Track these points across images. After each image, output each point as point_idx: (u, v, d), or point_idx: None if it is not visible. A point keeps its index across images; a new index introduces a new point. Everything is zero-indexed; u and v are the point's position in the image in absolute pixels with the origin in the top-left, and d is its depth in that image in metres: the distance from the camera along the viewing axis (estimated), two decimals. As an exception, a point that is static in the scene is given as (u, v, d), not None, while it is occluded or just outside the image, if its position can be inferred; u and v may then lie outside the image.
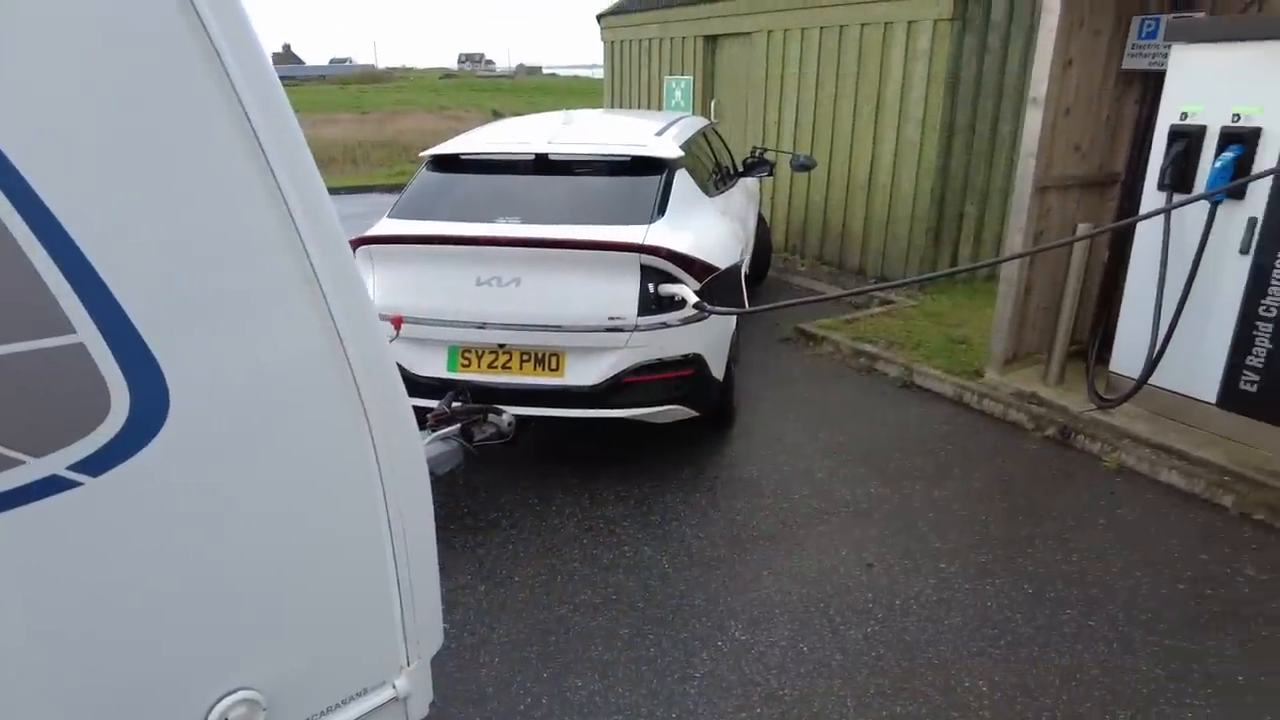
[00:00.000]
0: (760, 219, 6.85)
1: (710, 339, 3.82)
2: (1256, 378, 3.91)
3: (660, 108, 10.13)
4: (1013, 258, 4.68)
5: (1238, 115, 3.76)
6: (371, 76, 68.83)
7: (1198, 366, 4.10)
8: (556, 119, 5.09)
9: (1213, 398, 4.09)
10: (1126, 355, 4.40)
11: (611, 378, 3.60)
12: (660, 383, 3.70)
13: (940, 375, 5.02)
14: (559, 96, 41.28)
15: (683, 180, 4.10)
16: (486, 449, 2.48)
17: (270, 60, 1.03)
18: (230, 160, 1.00)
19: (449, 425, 2.41)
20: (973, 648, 2.84)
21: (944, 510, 3.70)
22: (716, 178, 5.19)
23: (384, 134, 20.16)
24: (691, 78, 9.47)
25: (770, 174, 6.29)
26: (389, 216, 3.94)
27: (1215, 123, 3.85)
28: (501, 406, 2.62)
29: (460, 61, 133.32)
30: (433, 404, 2.60)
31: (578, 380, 3.62)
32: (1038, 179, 4.51)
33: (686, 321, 3.61)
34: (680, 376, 3.72)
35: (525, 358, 3.65)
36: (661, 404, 3.71)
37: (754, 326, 6.08)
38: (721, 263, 3.86)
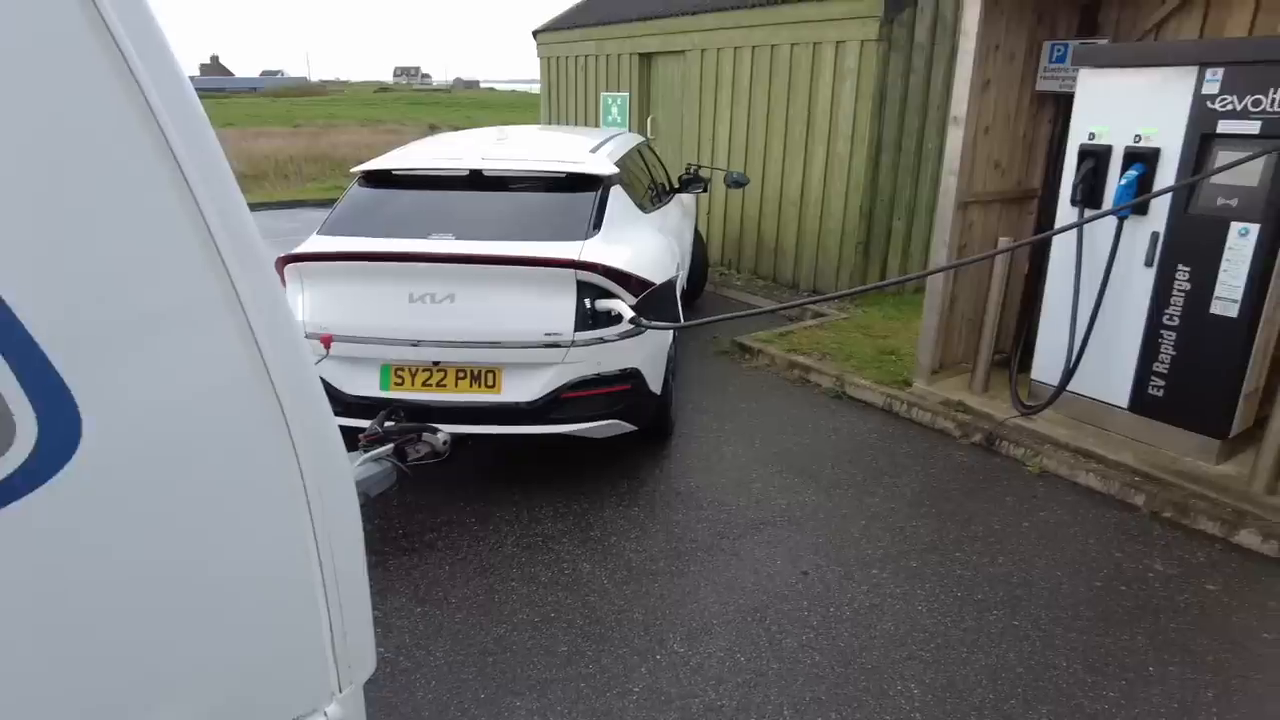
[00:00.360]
0: (697, 234, 6.94)
1: (647, 353, 3.85)
2: (1163, 383, 4.12)
3: (597, 124, 10.19)
4: (937, 271, 4.85)
5: (1139, 136, 3.98)
6: (304, 89, 67.46)
7: (1111, 373, 4.31)
8: (491, 135, 5.10)
9: (1125, 403, 4.30)
10: (1046, 364, 4.59)
11: (549, 393, 3.60)
12: (598, 398, 3.71)
13: (871, 385, 5.15)
14: (497, 111, 41.14)
15: (618, 197, 4.14)
16: (421, 469, 2.46)
17: (182, 67, 1.01)
18: (143, 176, 0.97)
19: (381, 445, 2.39)
20: (904, 652, 2.91)
21: (876, 517, 3.80)
22: (652, 194, 5.25)
23: (317, 148, 19.76)
24: (628, 94, 9.57)
25: (705, 190, 6.39)
26: (319, 233, 3.87)
27: (1120, 143, 4.07)
28: (437, 425, 2.60)
29: (396, 75, 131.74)
30: (365, 424, 2.57)
31: (515, 397, 3.61)
32: (960, 195, 4.70)
33: (623, 336, 3.64)
34: (618, 391, 3.74)
35: (461, 375, 3.62)
36: (600, 419, 3.73)
37: (691, 340, 6.15)
38: (657, 278, 3.90)
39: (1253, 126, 3.60)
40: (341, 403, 3.55)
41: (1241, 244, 3.72)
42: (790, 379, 5.55)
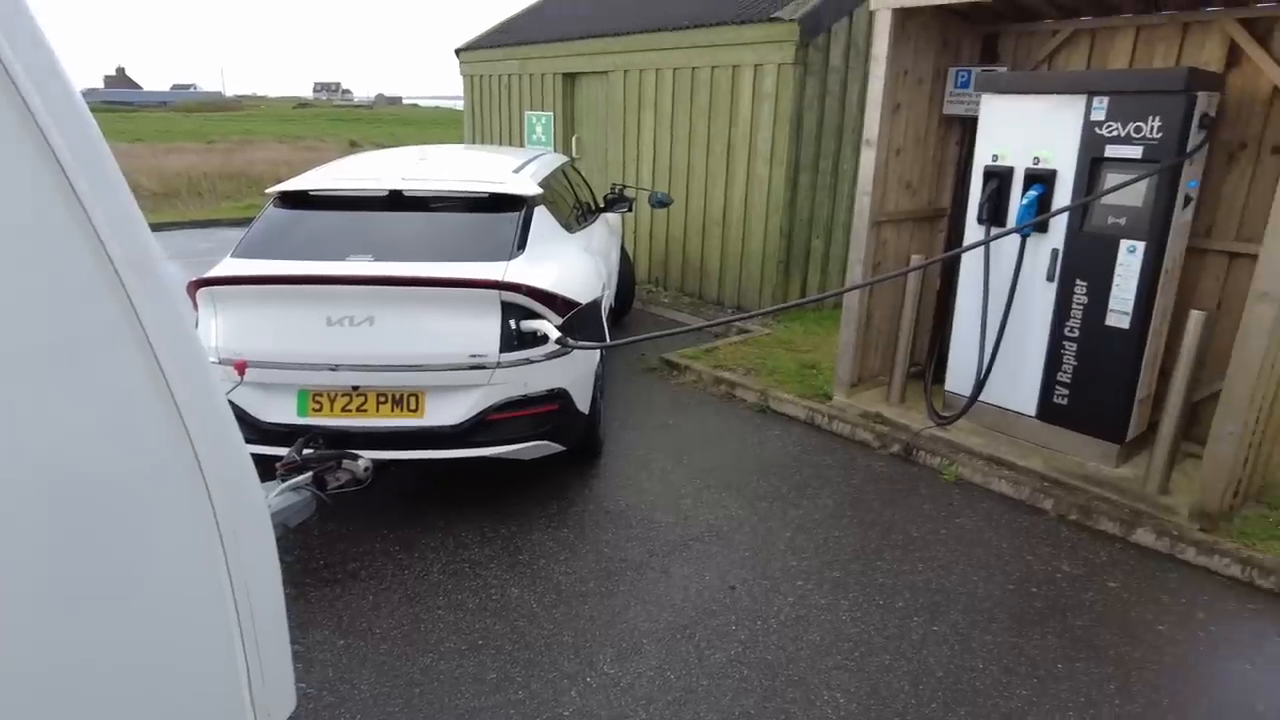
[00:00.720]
0: (623, 253, 6.99)
1: (574, 373, 3.85)
2: (1066, 392, 4.35)
3: (522, 142, 10.18)
4: (853, 288, 5.01)
5: (1038, 158, 4.21)
6: (219, 104, 65.28)
7: (1019, 383, 4.52)
8: (413, 154, 5.04)
9: (1033, 411, 4.51)
10: (959, 375, 4.79)
11: (475, 416, 3.57)
12: (525, 419, 3.69)
13: (794, 399, 5.27)
14: (421, 127, 40.60)
15: (542, 217, 4.14)
16: (343, 496, 2.40)
17: (70, 76, 0.96)
18: (27, 196, 0.93)
19: (300, 474, 2.32)
20: (830, 661, 2.98)
21: (801, 529, 3.88)
22: (577, 214, 5.27)
23: (233, 165, 19.10)
24: (552, 114, 9.59)
25: (630, 210, 6.45)
26: (232, 256, 3.75)
27: (1020, 164, 4.30)
28: (357, 451, 2.55)
29: (315, 90, 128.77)
30: (283, 452, 2.49)
31: (439, 420, 3.56)
32: (874, 214, 4.87)
33: (550, 357, 3.64)
34: (545, 412, 3.73)
35: (382, 399, 3.55)
36: (527, 440, 3.71)
37: (619, 358, 6.17)
38: (583, 297, 3.91)
39: (1135, 151, 3.85)
40: (257, 430, 3.43)
41: (1130, 260, 3.96)
42: (717, 395, 5.63)
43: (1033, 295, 4.36)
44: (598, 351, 4.23)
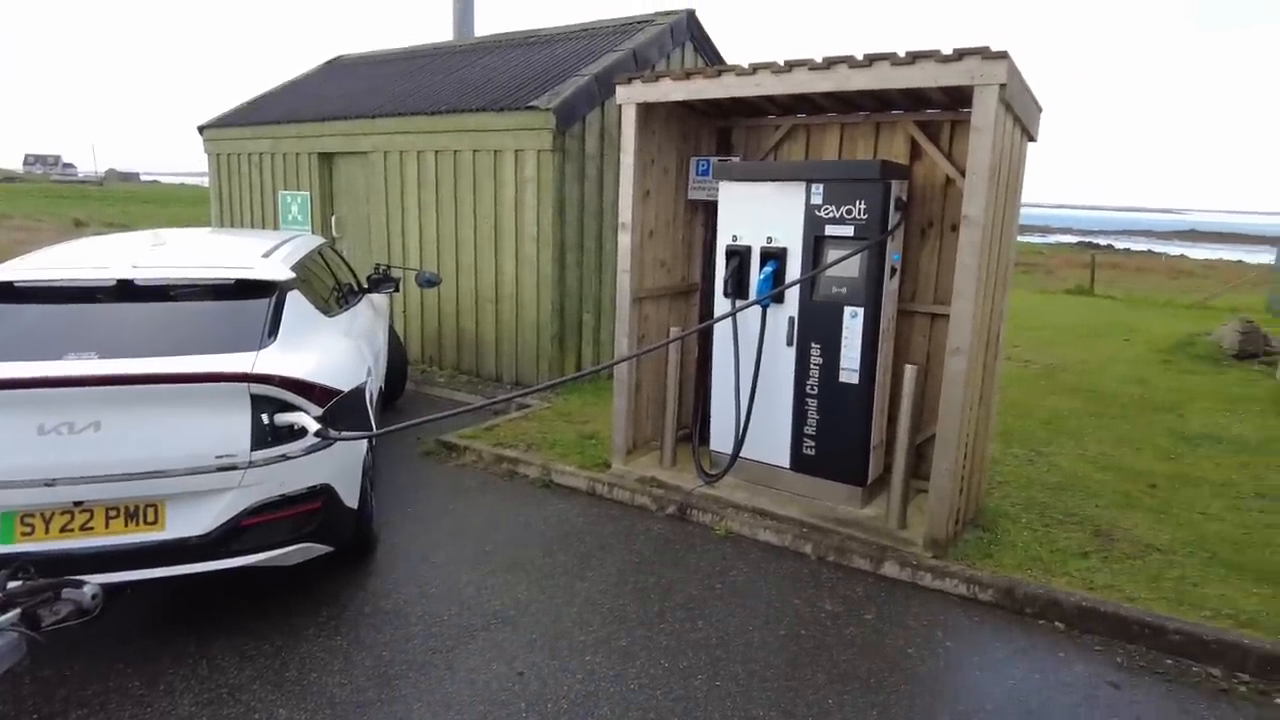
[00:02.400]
0: (393, 334, 6.79)
1: (339, 466, 3.65)
2: (813, 443, 4.80)
3: (276, 223, 9.66)
4: (620, 361, 5.25)
5: (770, 238, 4.71)
6: (-111, 179, 55.52)
7: (774, 438, 4.93)
8: (146, 239, 4.61)
9: (788, 463, 4.92)
10: (722, 435, 5.13)
11: (226, 523, 3.26)
12: (285, 521, 3.43)
13: (574, 471, 5.35)
14: (162, 205, 37.14)
15: (296, 301, 3.94)
16: (64, 632, 2.08)
17: None
18: None
19: (5, 611, 1.98)
20: (620, 732, 2.99)
21: (587, 602, 3.90)
22: (337, 296, 5.07)
23: (-89, 250, 16.24)
24: (309, 194, 9.23)
25: (397, 290, 6.31)
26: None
27: (756, 243, 4.78)
28: (82, 577, 2.22)
29: (28, 163, 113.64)
30: (-23, 590, 2.12)
31: (184, 531, 3.20)
32: (634, 291, 5.16)
33: (310, 451, 3.42)
34: (308, 511, 3.49)
35: (113, 513, 3.14)
36: (289, 544, 3.44)
37: (393, 445, 5.93)
38: (345, 384, 3.74)
39: (848, 230, 4.44)
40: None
41: (854, 324, 4.52)
42: (499, 473, 5.57)
43: (777, 359, 4.81)
44: (365, 441, 4.05)
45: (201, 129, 10.67)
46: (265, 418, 3.29)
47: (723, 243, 4.91)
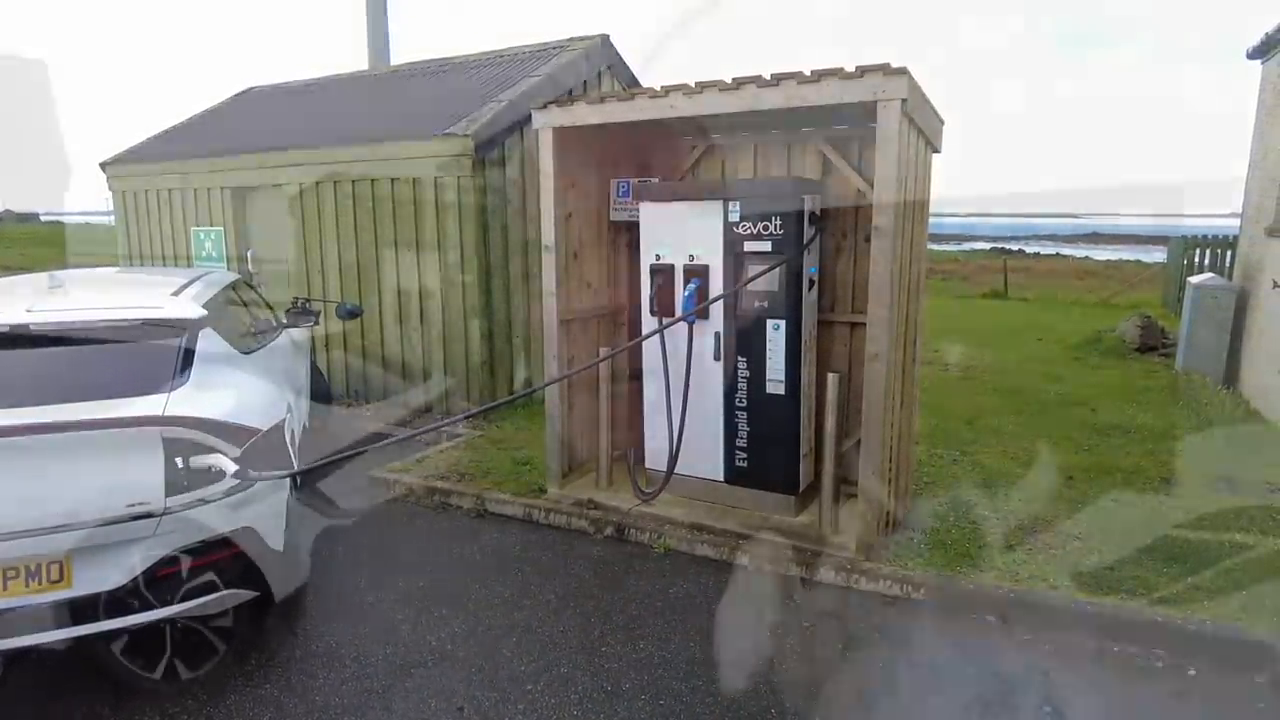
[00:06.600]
0: (315, 369, 6.61)
1: (261, 508, 3.52)
2: (746, 455, 4.86)
3: (190, 261, 9.33)
4: (550, 383, 5.22)
5: (692, 255, 4.78)
6: None
7: (707, 453, 4.97)
8: (42, 281, 4.39)
9: (722, 476, 4.97)
10: (656, 453, 5.14)
11: (140, 575, 3.10)
12: (205, 568, 3.28)
13: (509, 499, 5.29)
14: (63, 248, 35.36)
15: (209, 340, 3.80)
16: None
17: None
18: None
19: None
20: (564, 760, 2.95)
21: (527, 631, 3.85)
22: (254, 333, 4.91)
23: None
24: (223, 229, 8.95)
25: (316, 323, 6.15)
26: None
27: (679, 261, 4.84)
28: (-25, 646, 2.09)
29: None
30: None
31: (92, 587, 3.03)
32: (561, 313, 5.16)
33: (230, 493, 3.29)
34: (230, 556, 3.35)
35: (11, 573, 2.95)
36: (211, 592, 3.29)
37: (320, 482, 5.75)
38: (264, 423, 3.62)
39: (766, 245, 4.54)
40: None
41: (777, 336, 4.61)
42: (430, 506, 5.46)
43: (706, 374, 4.86)
44: (288, 481, 3.92)
45: (104, 165, 10.24)
46: (180, 461, 3.16)
47: (646, 262, 4.96)
